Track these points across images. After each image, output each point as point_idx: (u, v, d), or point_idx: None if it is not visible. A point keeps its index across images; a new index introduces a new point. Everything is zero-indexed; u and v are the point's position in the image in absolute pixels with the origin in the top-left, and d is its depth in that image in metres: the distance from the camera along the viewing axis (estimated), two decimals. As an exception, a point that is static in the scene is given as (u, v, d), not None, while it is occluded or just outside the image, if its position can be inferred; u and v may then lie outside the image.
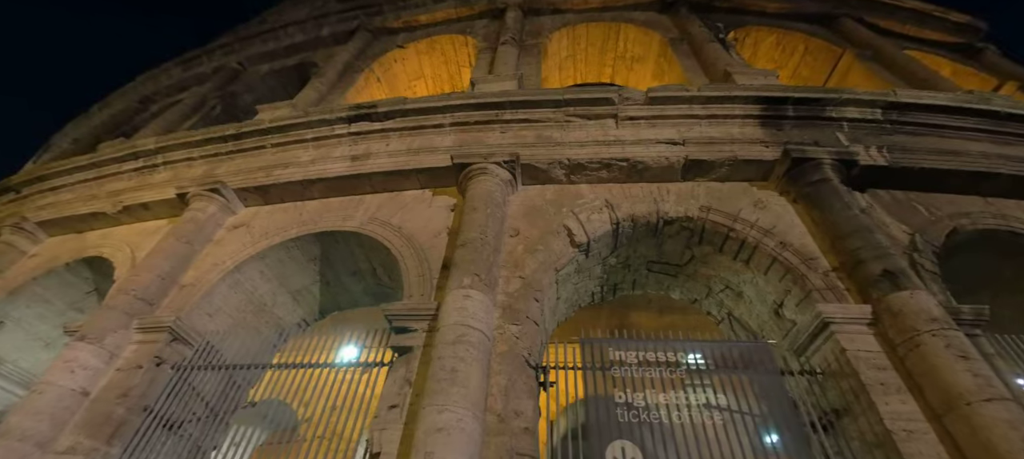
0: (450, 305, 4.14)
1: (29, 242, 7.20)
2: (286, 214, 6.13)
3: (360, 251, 5.86)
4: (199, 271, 5.61)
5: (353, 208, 5.92)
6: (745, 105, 5.98)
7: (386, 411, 3.86)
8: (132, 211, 6.76)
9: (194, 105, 10.28)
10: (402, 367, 4.17)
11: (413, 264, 5.01)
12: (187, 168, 7.04)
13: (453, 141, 6.17)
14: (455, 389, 3.53)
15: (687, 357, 4.41)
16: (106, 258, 6.38)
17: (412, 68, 10.82)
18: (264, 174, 6.31)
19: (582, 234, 5.24)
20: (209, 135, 6.97)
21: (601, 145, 5.77)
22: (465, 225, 4.91)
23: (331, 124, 6.55)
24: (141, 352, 4.77)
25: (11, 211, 7.86)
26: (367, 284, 6.38)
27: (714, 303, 5.84)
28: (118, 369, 4.68)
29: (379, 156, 6.10)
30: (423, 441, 3.25)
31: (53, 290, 6.77)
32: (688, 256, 5.62)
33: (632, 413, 3.98)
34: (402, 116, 6.38)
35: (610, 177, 5.71)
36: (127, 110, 12.45)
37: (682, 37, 8.89)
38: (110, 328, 4.78)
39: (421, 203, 5.80)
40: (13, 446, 3.92)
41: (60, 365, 4.43)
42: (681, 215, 5.31)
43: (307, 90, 8.55)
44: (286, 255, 5.84)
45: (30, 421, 4.07)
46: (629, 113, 6.04)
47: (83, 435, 4.18)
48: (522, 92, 6.28)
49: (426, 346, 4.20)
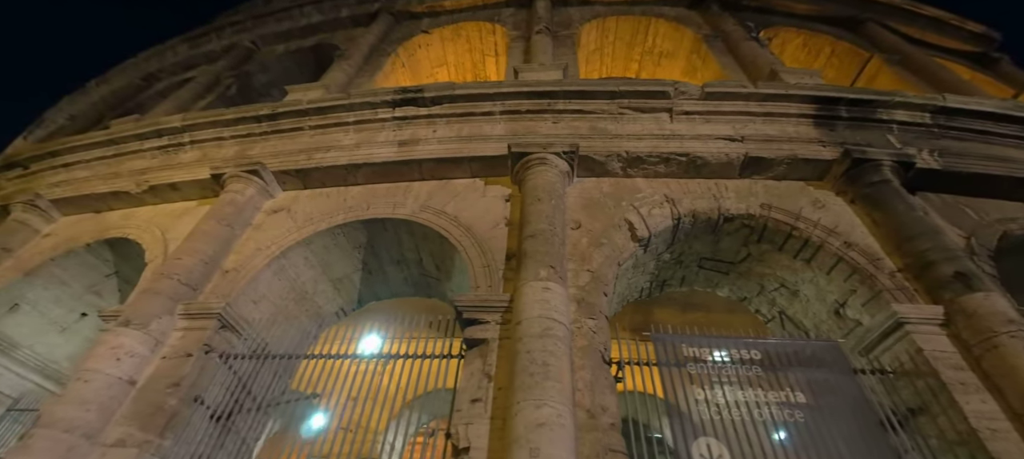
0: (529, 297, 4.01)
1: (42, 221, 6.79)
2: (329, 199, 5.89)
3: (409, 240, 5.67)
4: (241, 256, 5.36)
5: (401, 195, 5.72)
6: (800, 104, 5.97)
7: (468, 405, 3.72)
8: (158, 191, 6.43)
9: (208, 84, 9.85)
10: (477, 360, 4.04)
11: (475, 254, 4.85)
12: (217, 148, 6.72)
13: (504, 130, 6.01)
14: (549, 384, 3.42)
15: (758, 354, 4.38)
16: (132, 239, 6.05)
17: (435, 54, 10.57)
18: (305, 157, 6.05)
19: (644, 229, 5.16)
20: (242, 114, 6.66)
21: (659, 139, 5.68)
22: (531, 216, 4.77)
23: (375, 107, 6.32)
24: (188, 339, 4.53)
25: (20, 187, 7.41)
26: (409, 274, 6.20)
27: (765, 301, 5.84)
28: (164, 357, 4.43)
29: (429, 142, 5.90)
30: (525, 436, 3.13)
31: (71, 272, 6.41)
32: (744, 254, 5.59)
33: (713, 410, 3.94)
34: (450, 102, 6.19)
35: (667, 172, 5.63)
36: (130, 87, 11.89)
37: (716, 34, 8.86)
38: (155, 313, 4.51)
39: (473, 192, 5.63)
40: (60, 437, 3.67)
41: (105, 352, 4.16)
42: (742, 212, 5.27)
43: (335, 72, 8.25)
44: (332, 242, 5.62)
45: (77, 411, 3.80)
46: (684, 107, 5.97)
47: (134, 426, 3.94)
48: (575, 82, 6.15)
49: (503, 339, 4.07)
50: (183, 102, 9.16)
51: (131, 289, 6.69)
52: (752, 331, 4.57)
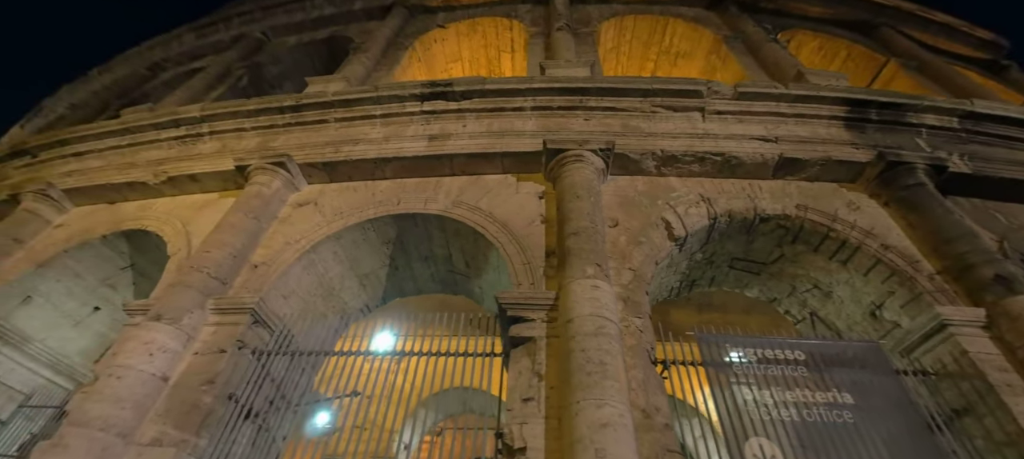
0: (578, 295, 3.94)
1: (54, 211, 6.58)
2: (356, 193, 5.78)
3: (440, 235, 5.58)
4: (270, 250, 5.22)
5: (432, 190, 5.62)
6: (831, 106, 5.98)
7: (520, 404, 3.65)
8: (177, 182, 6.26)
9: (219, 74, 9.64)
10: (524, 358, 3.97)
11: (514, 251, 4.77)
12: (237, 139, 6.56)
13: (535, 125, 5.94)
14: (608, 383, 3.36)
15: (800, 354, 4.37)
16: (151, 231, 5.88)
17: (450, 50, 10.45)
18: (332, 150, 5.92)
19: (681, 228, 5.12)
20: (265, 105, 6.50)
21: (694, 138, 5.65)
22: (572, 213, 4.70)
23: (403, 101, 6.21)
24: (220, 335, 4.39)
25: (29, 176, 7.18)
26: (437, 270, 6.10)
27: (796, 302, 5.83)
28: (196, 353, 4.29)
29: (460, 137, 5.81)
30: (589, 437, 3.07)
31: (86, 264, 6.21)
32: (777, 254, 5.58)
33: (763, 411, 3.91)
34: (480, 97, 6.10)
35: (701, 171, 5.60)
36: (134, 76, 11.61)
37: (736, 35, 8.87)
38: (186, 307, 4.37)
39: (506, 188, 5.55)
40: (95, 436, 3.52)
41: (137, 347, 4.01)
42: (778, 212, 5.25)
43: (354, 65, 8.11)
44: (362, 237, 5.51)
45: (111, 408, 3.66)
46: (717, 107, 5.95)
47: (169, 424, 3.81)
48: (608, 80, 6.08)
49: (550, 337, 4.01)
50: (195, 92, 8.95)
51: (146, 282, 6.56)
52: (771, 333, 4.56)
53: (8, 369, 5.78)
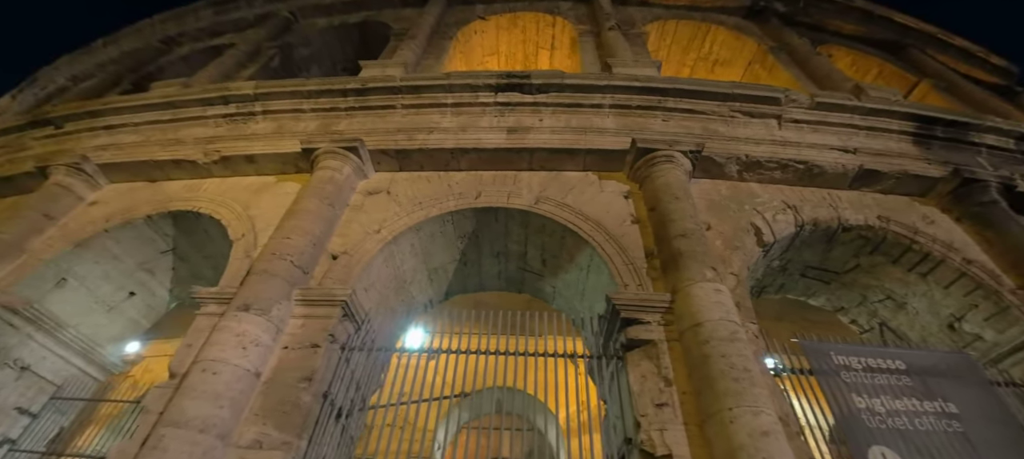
0: (702, 299, 3.84)
1: (87, 187, 6.09)
2: (430, 184, 5.53)
3: (520, 231, 5.39)
4: (347, 239, 4.94)
5: (511, 184, 5.44)
6: (901, 121, 6.07)
7: (654, 410, 3.52)
8: (231, 163, 5.88)
9: (249, 52, 9.16)
10: (645, 361, 3.84)
11: (613, 251, 4.64)
12: (294, 121, 6.21)
13: (614, 123, 5.82)
14: (757, 390, 3.27)
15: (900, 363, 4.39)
16: (204, 214, 5.50)
17: (489, 42, 10.24)
18: (405, 137, 5.66)
19: (770, 234, 5.09)
20: (326, 86, 6.17)
21: (776, 145, 5.64)
22: (674, 214, 4.61)
23: (476, 91, 5.99)
24: (310, 328, 4.10)
25: (54, 148, 6.63)
26: (506, 267, 5.92)
27: (865, 312, 5.90)
28: (285, 347, 3.99)
29: (540, 131, 5.64)
30: (752, 445, 2.96)
31: (125, 246, 5.76)
32: (852, 264, 5.62)
33: (877, 419, 3.91)
34: (558, 91, 5.95)
35: (782, 178, 5.60)
36: (147, 49, 10.96)
37: (781, 46, 8.97)
38: (274, 298, 4.06)
39: (589, 186, 5.41)
40: (197, 438, 3.21)
41: (230, 339, 3.69)
42: (861, 223, 5.28)
43: (404, 52, 7.80)
44: (439, 229, 5.28)
45: (210, 407, 3.35)
46: (793, 115, 5.97)
47: (270, 425, 3.52)
48: (688, 81, 6.01)
49: (671, 340, 3.89)
50: (226, 70, 8.47)
51: (185, 267, 6.15)
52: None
53: (40, 357, 5.28)
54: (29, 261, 5.34)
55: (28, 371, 5.18)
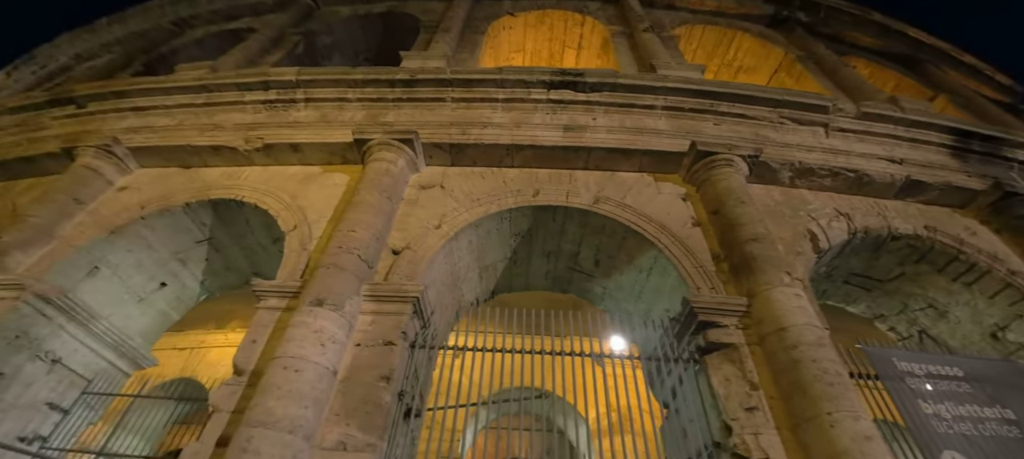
0: (784, 303, 3.85)
1: (116, 171, 5.82)
2: (485, 180, 5.43)
3: (576, 231, 5.33)
4: (406, 233, 4.81)
5: (567, 182, 5.38)
6: (941, 133, 6.21)
7: (744, 414, 3.51)
8: (274, 151, 5.68)
9: (273, 38, 8.88)
10: (726, 365, 3.83)
11: (681, 253, 4.62)
12: (338, 110, 6.03)
13: (666, 125, 5.81)
14: (852, 394, 3.29)
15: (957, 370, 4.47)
16: (249, 203, 5.30)
17: (515, 39, 10.15)
18: (459, 131, 5.54)
19: (825, 241, 5.13)
20: (373, 75, 6.00)
21: (827, 153, 5.70)
22: (742, 218, 4.61)
23: (528, 86, 5.91)
24: (382, 325, 3.97)
25: (76, 128, 6.31)
26: (554, 267, 5.85)
27: (904, 320, 6.01)
28: (358, 344, 3.86)
29: (596, 131, 5.59)
30: (857, 450, 2.97)
31: (160, 234, 5.51)
32: (897, 272, 5.72)
33: (944, 425, 3.97)
34: (611, 91, 5.90)
35: (832, 186, 5.66)
36: (158, 30, 10.54)
37: (809, 56, 9.10)
38: (345, 293, 3.92)
39: (646, 187, 5.39)
40: (286, 440, 3.06)
41: (309, 335, 3.54)
42: (910, 233, 5.38)
43: (439, 44, 7.65)
44: (496, 227, 5.19)
45: (296, 408, 3.20)
46: (840, 124, 6.04)
47: (353, 426, 3.39)
48: (740, 86, 6.04)
49: (752, 344, 3.89)
50: (251, 54, 8.19)
51: (220, 259, 5.95)
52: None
53: (71, 349, 5.00)
54: (61, 248, 5.06)
55: (59, 364, 4.90)
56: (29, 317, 4.61)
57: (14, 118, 6.90)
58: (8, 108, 6.95)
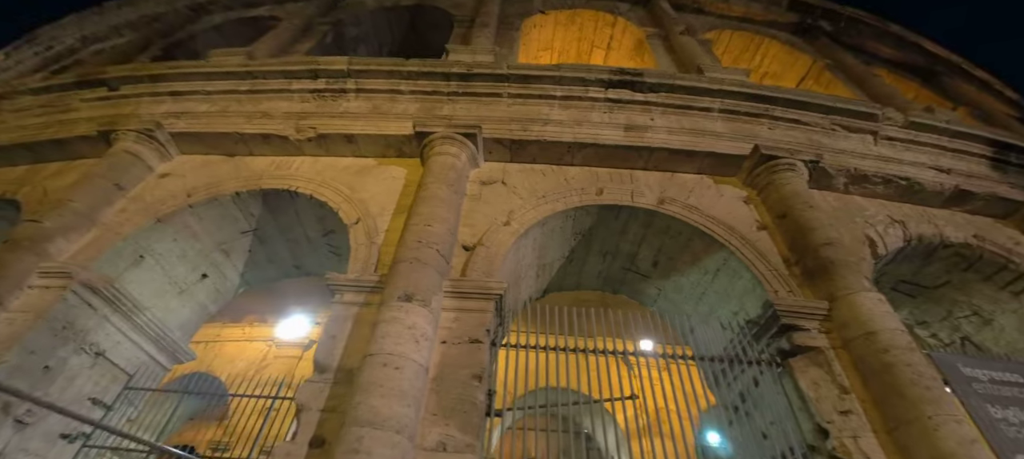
0: (869, 308, 3.87)
1: (157, 156, 5.58)
2: (546, 177, 5.36)
3: (638, 231, 5.29)
4: (475, 229, 4.70)
5: (628, 182, 5.33)
6: (982, 145, 6.34)
7: (839, 416, 3.51)
8: (326, 142, 5.50)
9: (301, 27, 8.66)
10: (813, 368, 3.83)
11: (754, 256, 4.61)
12: (390, 102, 5.88)
13: (723, 127, 5.81)
14: (949, 398, 3.31)
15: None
16: (304, 194, 5.13)
17: (544, 37, 10.09)
18: (520, 127, 5.45)
19: (882, 247, 5.19)
20: (427, 68, 5.87)
21: (880, 160, 5.78)
22: (813, 222, 4.64)
23: (586, 84, 5.85)
24: (466, 322, 3.87)
25: (110, 112, 6.03)
26: (608, 267, 5.80)
27: (948, 326, 6.12)
28: (443, 342, 3.74)
29: (656, 131, 5.55)
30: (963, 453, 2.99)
31: (207, 224, 5.29)
32: (943, 280, 5.82)
33: (1013, 429, 4.03)
34: (669, 91, 5.88)
35: (884, 193, 5.73)
36: (173, 15, 10.21)
37: (836, 64, 9.24)
38: (431, 289, 3.80)
39: (707, 189, 5.37)
40: (395, 440, 2.93)
41: (403, 332, 3.42)
42: (960, 241, 5.47)
43: (480, 39, 7.55)
44: (560, 225, 5.11)
45: (399, 406, 3.08)
46: (888, 132, 6.13)
47: (453, 426, 3.28)
48: (794, 92, 6.10)
49: (837, 348, 3.89)
50: (283, 43, 7.97)
51: (264, 250, 5.80)
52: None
53: (114, 342, 4.74)
54: (105, 235, 4.82)
55: (102, 357, 4.66)
56: (76, 308, 4.37)
57: (38, 99, 6.58)
58: (31, 88, 6.61)
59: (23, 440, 3.97)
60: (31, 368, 4.00)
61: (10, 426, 3.88)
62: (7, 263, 4.22)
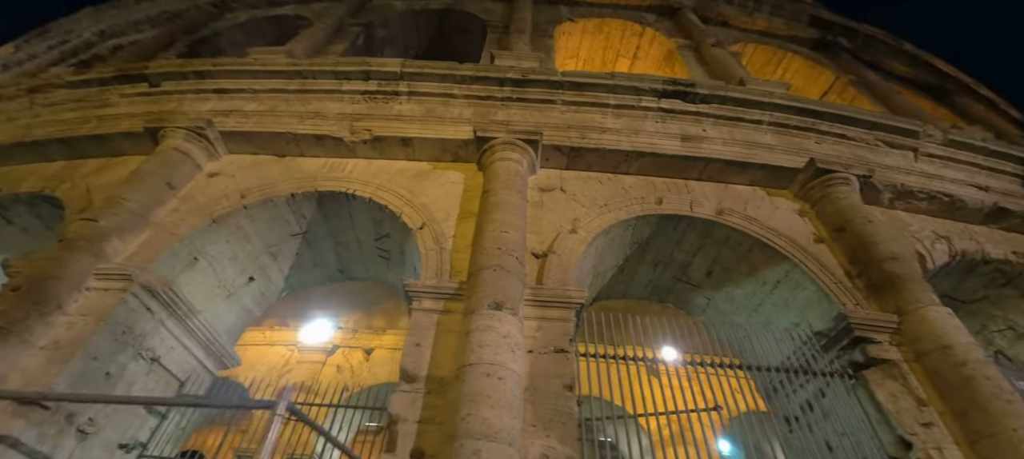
0: (941, 322, 3.96)
1: (206, 155, 5.46)
2: (603, 186, 5.37)
3: (696, 241, 5.32)
4: (542, 237, 4.68)
5: (683, 191, 5.38)
6: (1015, 164, 6.53)
7: (921, 429, 3.57)
8: (381, 145, 5.44)
9: (334, 27, 8.56)
10: (888, 380, 3.89)
11: (817, 268, 4.67)
12: (443, 105, 5.84)
13: (773, 140, 5.89)
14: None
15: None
16: (362, 197, 5.05)
17: (571, 45, 10.15)
18: (578, 135, 5.46)
19: (930, 262, 5.31)
20: (482, 73, 5.85)
21: (923, 176, 5.91)
22: (875, 236, 4.73)
23: (639, 94, 5.88)
24: (549, 331, 3.84)
25: (152, 109, 5.89)
26: (659, 276, 5.83)
27: (982, 340, 6.25)
28: (530, 351, 3.71)
29: (712, 142, 5.61)
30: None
31: (259, 225, 5.18)
32: (981, 295, 5.97)
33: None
34: (721, 103, 5.94)
35: (928, 209, 5.86)
36: (196, 11, 10.02)
37: (860, 80, 9.45)
38: (516, 297, 3.77)
39: (761, 201, 5.44)
40: (507, 453, 2.90)
41: (500, 341, 3.38)
42: (1001, 257, 5.62)
43: (519, 45, 7.57)
44: (620, 233, 5.12)
45: (508, 417, 3.04)
46: (929, 149, 6.27)
47: (553, 437, 3.25)
48: (839, 107, 6.21)
49: (910, 361, 3.96)
50: (317, 43, 7.87)
51: (311, 253, 5.73)
52: None
53: (168, 348, 4.59)
54: (160, 236, 4.69)
55: (157, 363, 4.51)
56: (135, 311, 4.24)
57: (74, 93, 6.38)
58: (67, 82, 6.41)
59: (85, 450, 3.82)
60: (94, 375, 3.86)
61: (73, 436, 3.73)
62: (66, 263, 4.07)
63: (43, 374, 3.59)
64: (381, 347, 9.48)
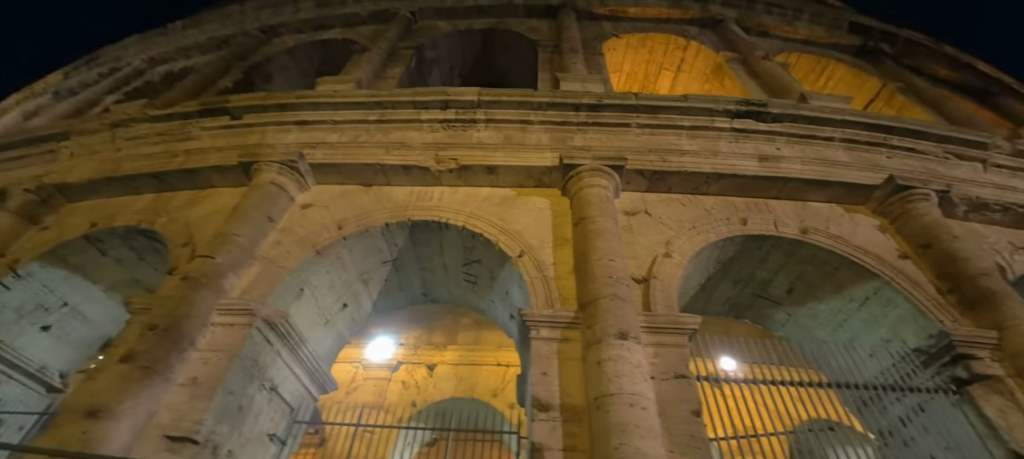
0: (1047, 339, 4.02)
1: (297, 187, 5.64)
2: (685, 208, 5.49)
3: (779, 259, 5.43)
4: (638, 261, 4.81)
5: (765, 211, 5.48)
6: (1082, 171, 6.57)
7: None
8: (466, 173, 5.60)
9: (387, 52, 8.75)
10: (993, 395, 3.97)
11: (909, 285, 4.76)
12: (520, 132, 5.99)
13: (846, 157, 5.99)
14: None
15: None
16: (455, 225, 5.21)
17: (615, 60, 10.27)
18: (659, 158, 5.59)
19: (1011, 273, 5.35)
20: (558, 99, 6.00)
21: (995, 188, 5.97)
22: (963, 252, 4.81)
23: (713, 115, 6.01)
24: (667, 358, 3.97)
25: (235, 142, 6.14)
26: (737, 294, 5.93)
27: (1057, 347, 6.29)
28: (652, 378, 3.83)
29: (790, 161, 5.72)
30: None
31: (355, 254, 5.36)
32: (1056, 303, 6.01)
33: None
34: (792, 121, 6.06)
35: (1001, 220, 5.91)
36: (245, 37, 10.27)
37: (908, 87, 9.50)
38: (635, 325, 3.91)
39: (841, 218, 5.53)
40: (654, 478, 3.04)
41: (634, 370, 3.52)
42: (1077, 267, 5.67)
43: (575, 66, 7.73)
44: (708, 255, 5.24)
45: (658, 447, 3.18)
46: (997, 160, 6.34)
47: (689, 462, 3.37)
48: (909, 121, 6.32)
49: (1011, 376, 4.04)
50: (375, 68, 8.07)
51: (398, 278, 5.86)
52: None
53: (283, 377, 4.76)
54: (269, 269, 4.87)
55: (275, 393, 4.68)
56: (259, 344, 4.42)
57: (156, 127, 6.61)
58: (150, 116, 6.64)
59: (225, 479, 3.99)
60: (230, 408, 4.03)
61: (216, 466, 3.90)
62: (193, 300, 4.26)
63: (190, 410, 3.77)
64: (443, 362, 9.63)
